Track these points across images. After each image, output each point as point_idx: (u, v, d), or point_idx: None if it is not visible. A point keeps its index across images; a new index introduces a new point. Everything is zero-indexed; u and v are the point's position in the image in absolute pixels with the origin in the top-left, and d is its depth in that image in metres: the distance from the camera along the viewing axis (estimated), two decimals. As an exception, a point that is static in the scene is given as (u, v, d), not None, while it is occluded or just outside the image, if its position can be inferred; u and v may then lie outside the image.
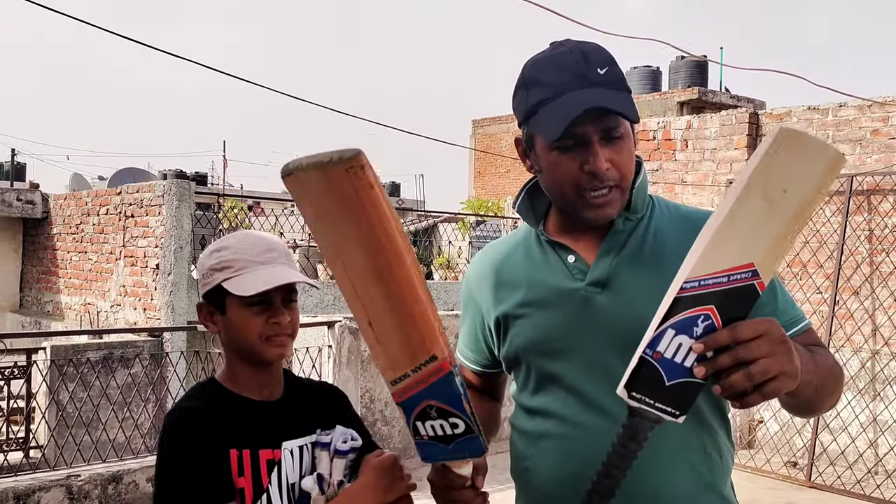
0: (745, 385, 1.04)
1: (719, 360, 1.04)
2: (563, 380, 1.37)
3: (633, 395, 1.08)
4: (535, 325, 1.39)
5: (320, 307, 8.18)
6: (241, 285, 1.34)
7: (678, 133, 7.07)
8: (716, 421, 1.38)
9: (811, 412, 1.38)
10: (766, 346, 1.04)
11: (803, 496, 5.34)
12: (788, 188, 1.03)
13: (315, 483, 1.37)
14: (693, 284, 1.04)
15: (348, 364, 5.25)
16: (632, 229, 1.38)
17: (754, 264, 1.04)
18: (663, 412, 1.07)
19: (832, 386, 1.28)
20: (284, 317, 1.39)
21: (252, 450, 1.35)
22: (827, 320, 5.88)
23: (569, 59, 1.30)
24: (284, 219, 9.92)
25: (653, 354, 1.06)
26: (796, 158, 1.02)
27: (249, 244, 1.39)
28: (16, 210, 10.48)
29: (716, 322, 1.04)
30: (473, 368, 1.57)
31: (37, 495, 3.93)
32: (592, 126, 1.27)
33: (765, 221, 1.03)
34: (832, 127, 6.14)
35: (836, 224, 6.01)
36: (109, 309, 8.66)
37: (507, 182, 19.80)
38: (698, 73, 16.58)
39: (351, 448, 1.39)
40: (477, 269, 1.53)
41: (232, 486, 1.31)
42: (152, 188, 7.98)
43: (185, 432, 1.32)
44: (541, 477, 1.39)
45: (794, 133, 1.03)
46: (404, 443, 5.86)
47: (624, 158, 1.31)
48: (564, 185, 1.32)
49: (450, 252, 10.75)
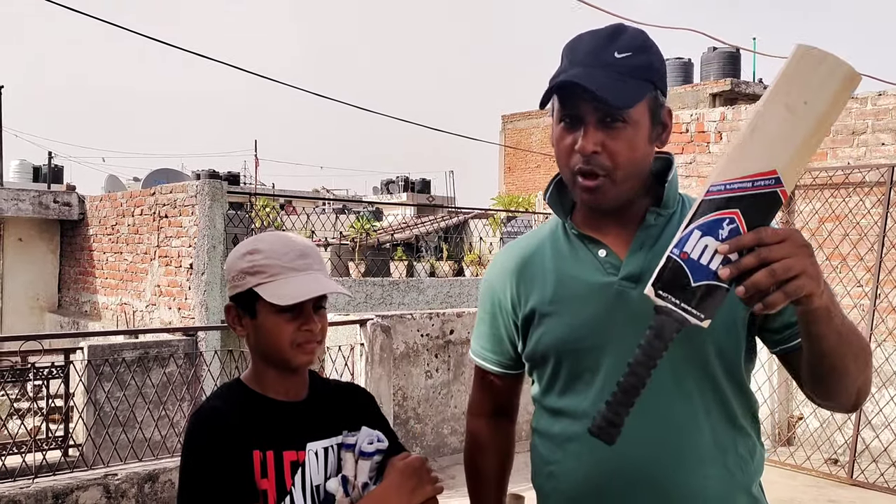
0: (768, 283, 1.04)
1: (744, 260, 1.05)
2: (594, 378, 1.34)
3: (660, 294, 1.10)
4: (565, 321, 1.36)
5: (352, 305, 8.20)
6: (276, 293, 1.32)
7: (712, 125, 6.96)
8: (747, 422, 1.37)
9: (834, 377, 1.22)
10: (789, 247, 1.05)
11: (845, 494, 5.23)
12: (809, 100, 1.08)
13: (339, 485, 1.36)
14: (719, 188, 1.08)
15: (380, 362, 5.25)
16: (664, 225, 1.36)
17: (777, 171, 1.08)
18: (689, 313, 1.09)
19: (857, 345, 1.20)
20: (316, 324, 1.37)
21: (276, 451, 1.34)
22: (868, 314, 5.74)
23: (593, 39, 1.31)
24: (316, 217, 9.97)
25: (679, 254, 1.09)
26: (814, 72, 1.08)
27: (283, 248, 1.36)
28: (53, 212, 10.66)
29: (741, 226, 1.07)
30: (493, 370, 1.54)
31: (75, 494, 3.98)
32: (589, 107, 1.27)
33: (787, 131, 1.08)
34: (871, 116, 6.00)
35: (876, 216, 5.86)
36: (145, 309, 8.77)
37: (537, 177, 19.71)
38: (730, 65, 16.37)
39: (377, 450, 1.38)
40: (501, 266, 1.50)
41: (254, 488, 1.30)
42: (185, 188, 8.06)
43: (209, 432, 1.31)
44: (569, 482, 1.35)
45: (811, 49, 1.09)
46: (437, 441, 5.85)
47: (619, 146, 1.28)
48: (560, 161, 1.34)
49: (481, 248, 10.72)
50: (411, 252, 10.95)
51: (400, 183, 29.99)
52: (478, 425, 1.60)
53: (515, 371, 1.52)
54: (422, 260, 10.53)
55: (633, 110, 1.27)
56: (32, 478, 4.01)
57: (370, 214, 15.62)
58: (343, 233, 9.90)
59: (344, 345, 5.20)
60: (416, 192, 28.81)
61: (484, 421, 1.59)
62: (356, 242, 9.53)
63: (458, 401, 5.93)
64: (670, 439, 1.28)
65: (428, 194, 28.08)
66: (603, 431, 1.12)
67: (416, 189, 29.24)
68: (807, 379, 1.27)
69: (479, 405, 1.60)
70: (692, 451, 1.29)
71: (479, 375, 1.58)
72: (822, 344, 1.17)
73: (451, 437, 5.88)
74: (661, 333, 1.10)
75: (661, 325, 1.10)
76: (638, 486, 1.28)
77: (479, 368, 1.57)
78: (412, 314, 5.86)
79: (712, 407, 1.32)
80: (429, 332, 5.85)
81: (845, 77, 1.09)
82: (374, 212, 18.78)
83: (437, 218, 12.85)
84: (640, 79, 1.28)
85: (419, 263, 10.18)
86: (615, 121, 1.27)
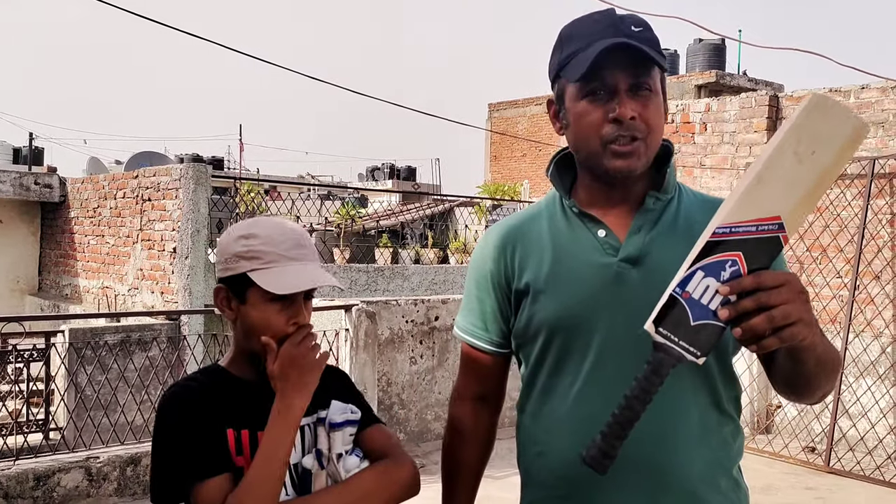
0: (765, 328, 1.08)
1: (742, 303, 1.09)
2: (585, 358, 1.34)
3: (660, 331, 1.13)
4: (561, 299, 1.36)
5: (336, 291, 8.19)
6: (272, 281, 1.32)
7: (697, 116, 6.99)
8: (731, 407, 1.40)
9: (805, 389, 1.31)
10: (786, 294, 1.08)
11: (821, 481, 5.30)
12: (817, 150, 1.11)
13: (314, 459, 1.37)
14: (724, 230, 1.11)
15: (365, 347, 5.25)
16: (662, 209, 1.38)
17: (781, 217, 1.11)
18: (686, 351, 1.13)
19: (830, 366, 1.28)
20: (305, 317, 1.38)
21: (251, 430, 1.34)
22: (847, 305, 5.81)
23: (604, 17, 1.34)
24: (301, 203, 9.92)
25: (682, 294, 1.12)
26: (825, 123, 1.11)
27: (280, 236, 1.36)
28: (34, 194, 10.54)
29: (742, 268, 1.10)
30: (483, 347, 1.50)
31: (56, 476, 3.97)
32: (621, 74, 1.29)
33: (794, 179, 1.12)
34: (854, 109, 6.05)
35: (857, 208, 5.93)
36: (127, 292, 8.71)
37: (523, 166, 19.72)
38: (716, 57, 16.40)
39: (346, 420, 1.38)
40: (494, 240, 1.49)
41: (228, 461, 1.31)
42: (169, 172, 7.99)
43: (178, 407, 1.32)
44: (559, 462, 1.36)
45: (825, 99, 1.12)
46: (420, 427, 5.88)
47: (651, 112, 1.31)
48: (589, 135, 1.33)
49: (466, 236, 10.73)
50: (396, 239, 10.94)
51: (385, 170, 29.89)
52: (461, 410, 1.55)
53: (505, 350, 1.50)
54: (407, 247, 10.52)
55: (655, 80, 1.32)
56: (13, 460, 3.99)
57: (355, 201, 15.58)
58: (328, 219, 9.88)
59: (329, 330, 5.20)
60: (401, 179, 28.73)
61: (468, 406, 1.55)
62: (341, 228, 9.51)
63: (443, 387, 5.95)
64: (659, 420, 1.29)
65: (413, 182, 28.03)
66: (596, 462, 1.15)
67: (402, 176, 29.17)
68: (778, 381, 1.33)
69: (464, 388, 1.56)
70: (680, 433, 1.32)
71: (466, 356, 1.54)
72: (800, 366, 1.24)
73: (435, 423, 5.90)
74: (659, 370, 1.14)
75: (660, 362, 1.14)
76: (627, 465, 1.29)
77: (467, 349, 1.53)
78: (397, 300, 5.87)
79: (700, 390, 1.34)
80: (414, 318, 5.86)
81: (854, 130, 1.12)
82: (359, 198, 18.72)
83: (423, 205, 12.84)
84: (658, 51, 1.32)
85: (404, 250, 10.17)
86: (645, 89, 1.30)
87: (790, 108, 6.48)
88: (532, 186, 17.03)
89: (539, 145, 17.36)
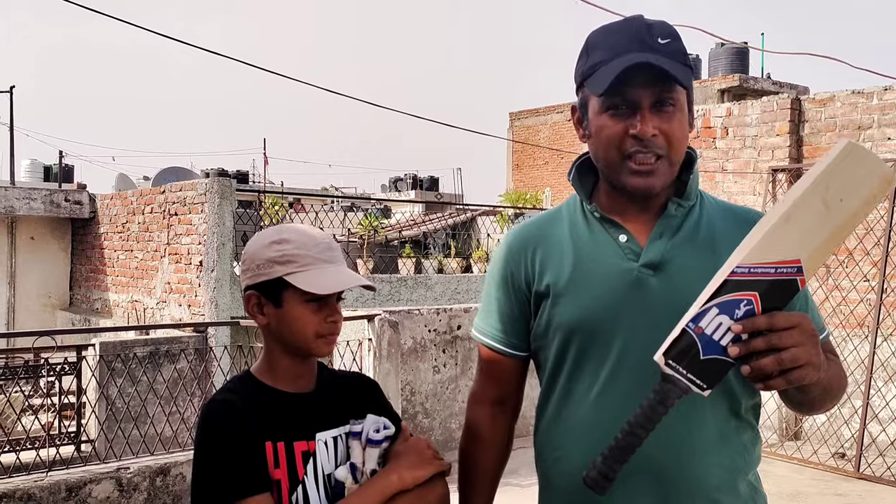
0: (773, 368, 1.10)
1: (753, 342, 1.11)
2: (604, 363, 1.34)
3: (669, 363, 1.15)
4: (581, 302, 1.36)
5: (360, 301, 8.24)
6: (311, 282, 1.36)
7: (718, 121, 6.96)
8: (750, 414, 1.40)
9: (810, 411, 1.40)
10: (797, 336, 1.11)
11: (851, 487, 5.23)
12: (845, 197, 1.13)
13: (348, 472, 1.38)
14: (743, 270, 1.12)
15: (388, 357, 5.29)
16: (684, 216, 1.38)
17: (801, 261, 1.13)
18: (693, 383, 1.14)
19: (836, 391, 1.34)
20: (340, 316, 1.43)
21: (287, 442, 1.36)
22: (874, 308, 5.74)
23: (632, 26, 1.33)
24: (324, 214, 10.01)
25: (695, 329, 1.13)
26: (856, 171, 1.13)
27: (311, 241, 1.40)
28: (64, 210, 10.74)
29: (756, 308, 1.12)
30: (502, 349, 1.49)
31: (88, 487, 4.04)
32: (645, 91, 1.29)
33: (818, 224, 1.13)
34: (877, 111, 5.99)
35: (882, 210, 5.86)
36: (155, 306, 8.84)
37: (544, 174, 19.68)
38: (739, 61, 16.29)
39: (385, 437, 1.41)
40: (514, 242, 1.48)
41: (268, 478, 1.33)
42: (195, 186, 8.11)
43: (222, 424, 1.33)
44: (578, 466, 1.33)
45: (858, 148, 1.14)
46: (444, 435, 5.89)
47: (674, 128, 1.31)
48: (609, 148, 1.33)
49: (488, 245, 10.74)
50: (419, 249, 10.98)
51: (408, 181, 29.98)
52: (478, 414, 1.54)
53: (523, 353, 1.49)
54: (430, 257, 10.56)
55: (679, 95, 1.31)
56: (46, 471, 4.06)
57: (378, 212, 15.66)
58: (351, 230, 9.95)
59: (352, 340, 5.24)
60: (424, 189, 28.80)
61: (485, 409, 1.53)
62: (364, 240, 9.58)
63: (466, 396, 5.93)
64: (676, 428, 1.29)
65: (436, 192, 28.08)
66: (596, 484, 1.18)
67: (425, 186, 29.24)
68: (785, 400, 1.37)
69: (482, 392, 1.54)
70: (697, 441, 1.31)
71: (485, 359, 1.53)
72: (806, 395, 1.29)
73: (459, 432, 5.88)
74: (665, 400, 1.16)
75: (666, 393, 1.16)
76: (644, 473, 1.29)
77: (485, 351, 1.52)
78: (419, 310, 5.90)
79: (719, 398, 1.33)
80: (436, 327, 5.88)
81: (883, 179, 1.14)
82: (382, 209, 18.81)
83: (445, 215, 12.88)
84: (685, 64, 1.32)
85: (427, 260, 10.21)
86: (667, 104, 1.30)
87: (812, 110, 6.43)
88: (554, 194, 17.01)
89: (561, 153, 17.33)
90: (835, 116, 6.28)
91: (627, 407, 1.21)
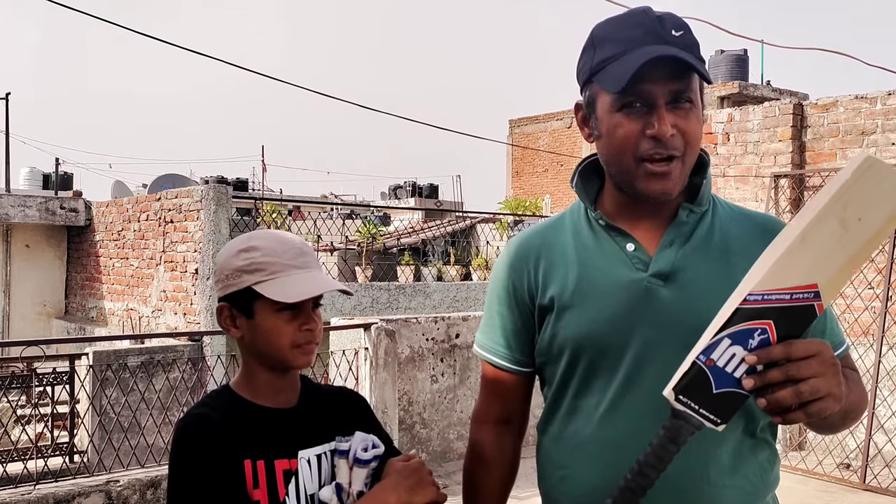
0: (791, 401, 1.02)
1: (770, 374, 1.03)
2: (613, 378, 1.27)
3: (680, 399, 1.07)
4: (587, 316, 1.28)
5: (358, 309, 8.16)
6: (280, 291, 1.27)
7: (719, 126, 6.89)
8: (767, 433, 1.32)
9: (829, 432, 1.33)
10: (817, 366, 1.03)
11: (857, 499, 5.15)
12: (864, 217, 1.04)
13: (333, 493, 1.31)
14: (756, 298, 1.05)
15: (385, 366, 5.20)
16: (696, 222, 1.30)
17: (818, 286, 1.05)
18: (706, 419, 1.07)
19: (856, 413, 1.26)
20: (316, 324, 1.33)
21: (267, 460, 1.28)
22: (880, 316, 5.66)
23: (643, 19, 1.23)
24: (322, 222, 9.95)
25: (706, 361, 1.06)
26: (875, 189, 1.04)
27: (281, 246, 1.32)
28: (59, 218, 10.67)
29: (771, 337, 1.04)
30: (507, 367, 1.41)
31: (76, 501, 3.95)
32: (661, 87, 1.20)
33: (836, 246, 1.05)
34: (881, 116, 5.93)
35: (887, 216, 5.78)
36: (151, 314, 8.75)
37: (544, 181, 19.66)
38: (738, 67, 16.27)
39: (373, 456, 1.32)
40: (516, 253, 1.40)
41: (247, 498, 1.25)
42: (190, 193, 8.04)
43: (197, 441, 1.25)
44: (584, 487, 1.28)
45: (877, 162, 1.05)
46: (443, 446, 5.80)
47: (691, 126, 1.23)
48: (623, 150, 1.23)
49: (487, 252, 10.67)
50: (418, 256, 10.92)
51: (408, 188, 29.97)
52: (482, 434, 1.46)
53: (528, 370, 1.42)
54: (429, 264, 10.49)
55: (696, 91, 1.23)
56: (34, 484, 3.98)
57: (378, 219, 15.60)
58: (350, 237, 9.89)
59: (348, 349, 5.15)
60: (423, 196, 28.78)
61: (490, 429, 1.46)
62: (363, 247, 9.51)
63: (464, 405, 5.87)
64: (691, 449, 1.21)
65: (436, 199, 28.06)
66: None
67: (424, 194, 29.23)
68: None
69: (486, 411, 1.46)
70: (713, 462, 1.24)
71: (488, 376, 1.46)
72: (825, 420, 1.19)
73: (458, 443, 5.82)
74: (676, 438, 1.09)
75: (678, 430, 1.08)
76: (656, 494, 1.21)
77: (488, 368, 1.45)
78: (417, 318, 5.81)
79: (735, 417, 1.26)
80: (434, 336, 5.80)
81: None
82: (381, 217, 18.76)
83: (445, 222, 12.81)
84: (698, 57, 1.23)
85: (426, 268, 10.14)
86: (684, 101, 1.22)
87: (815, 115, 6.37)
88: (554, 202, 16.96)
89: (560, 159, 17.30)
90: (838, 121, 6.22)
91: (637, 425, 1.15)
